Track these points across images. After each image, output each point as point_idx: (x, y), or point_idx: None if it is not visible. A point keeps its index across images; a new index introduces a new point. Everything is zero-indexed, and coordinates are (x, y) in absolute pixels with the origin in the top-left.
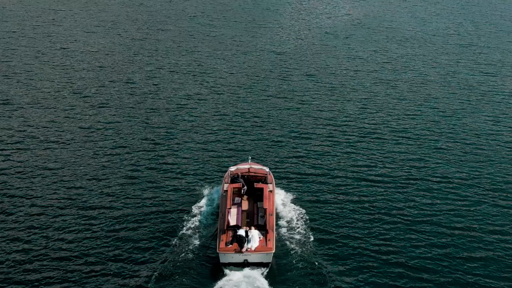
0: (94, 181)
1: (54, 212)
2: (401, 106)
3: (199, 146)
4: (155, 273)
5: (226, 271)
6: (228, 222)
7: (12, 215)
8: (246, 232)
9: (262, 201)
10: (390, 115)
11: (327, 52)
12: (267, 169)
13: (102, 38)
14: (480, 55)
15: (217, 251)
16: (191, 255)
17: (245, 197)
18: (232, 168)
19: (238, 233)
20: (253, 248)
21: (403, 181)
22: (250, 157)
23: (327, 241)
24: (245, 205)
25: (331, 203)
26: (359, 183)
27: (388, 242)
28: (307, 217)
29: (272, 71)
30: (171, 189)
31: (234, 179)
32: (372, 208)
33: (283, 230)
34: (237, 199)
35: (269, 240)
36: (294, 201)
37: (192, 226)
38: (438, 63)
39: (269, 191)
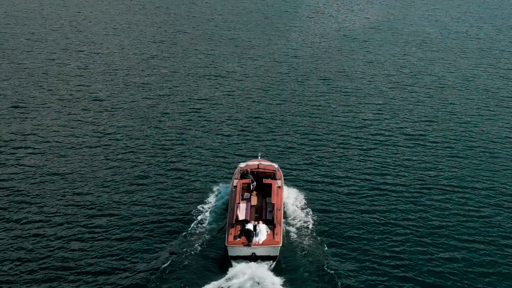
0: (105, 179)
1: (67, 207)
2: (417, 112)
3: (211, 146)
4: (164, 265)
5: (234, 263)
6: (237, 217)
7: (20, 217)
8: (254, 226)
9: (271, 196)
10: (405, 120)
11: (344, 56)
12: (276, 165)
13: (120, 40)
14: (500, 60)
15: (226, 244)
16: (200, 248)
17: (254, 192)
18: (242, 165)
19: (246, 227)
20: (260, 242)
21: (415, 189)
22: (259, 154)
23: (335, 239)
24: (254, 201)
25: (341, 203)
26: (371, 186)
27: (396, 247)
28: (316, 215)
29: (288, 74)
30: (183, 185)
31: (243, 175)
32: (382, 212)
33: (291, 225)
34: (246, 195)
35: (276, 234)
36: (304, 199)
37: (202, 220)
38: (457, 68)
39: (277, 186)
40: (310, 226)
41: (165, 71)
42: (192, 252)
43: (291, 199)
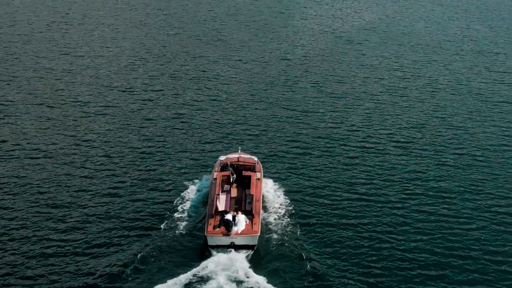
0: (86, 175)
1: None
2: (406, 117)
3: (193, 146)
4: (144, 253)
5: (214, 253)
6: (217, 208)
7: None
8: (233, 216)
9: (250, 188)
10: (394, 125)
11: (336, 59)
12: (256, 158)
13: (108, 42)
14: (495, 63)
15: (205, 234)
16: (180, 238)
17: (234, 185)
18: (222, 157)
19: (225, 218)
20: (239, 231)
21: (400, 196)
22: (240, 147)
23: (311, 229)
24: (234, 192)
25: (322, 197)
26: (355, 189)
27: (373, 238)
28: (293, 206)
29: (277, 78)
30: (163, 178)
31: (223, 167)
32: (360, 204)
33: (269, 216)
34: (226, 187)
35: (254, 224)
36: (283, 192)
37: (182, 211)
38: (451, 70)
39: (256, 178)
40: (288, 217)
41: (152, 74)
42: (172, 242)
43: (270, 192)
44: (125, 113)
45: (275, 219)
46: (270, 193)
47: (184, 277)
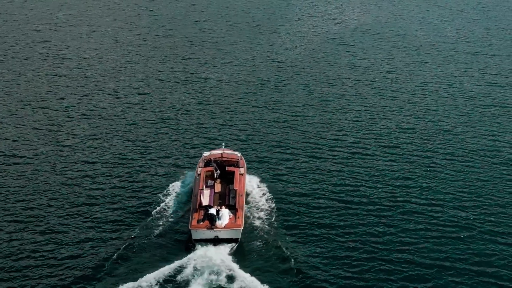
0: (68, 170)
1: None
2: (396, 120)
3: (176, 153)
4: (128, 247)
5: (198, 246)
6: (201, 202)
7: None
8: (217, 210)
9: (233, 183)
10: (383, 130)
11: (328, 61)
12: (239, 154)
13: (97, 44)
14: (489, 65)
15: (189, 228)
16: (164, 233)
17: (218, 180)
18: (206, 153)
19: (209, 212)
20: (223, 225)
21: (388, 202)
22: (223, 144)
23: (294, 224)
24: (217, 188)
25: (306, 196)
26: (341, 191)
27: (356, 233)
28: (276, 201)
29: (267, 80)
30: (146, 175)
31: (207, 163)
32: (342, 200)
33: (253, 210)
34: (210, 182)
35: (238, 218)
36: (266, 188)
37: (166, 206)
38: (443, 72)
39: (240, 174)
40: (270, 212)
41: (140, 76)
42: (157, 236)
43: (254, 188)
44: (110, 116)
45: (257, 212)
46: (255, 189)
47: (167, 270)
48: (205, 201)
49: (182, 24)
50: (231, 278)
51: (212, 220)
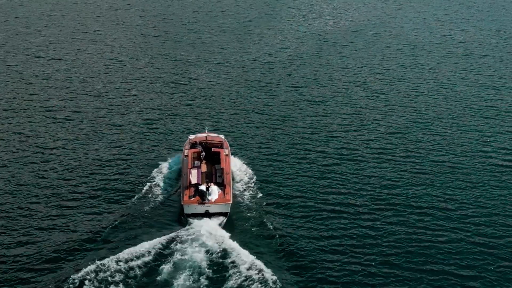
0: (57, 158)
1: None
2: (387, 122)
3: (162, 156)
4: (122, 220)
5: (190, 220)
6: (190, 181)
7: None
8: (207, 187)
9: (220, 163)
10: (373, 132)
11: (320, 62)
12: (223, 137)
13: (86, 45)
14: (482, 66)
15: (182, 203)
16: (156, 209)
17: (204, 161)
18: (191, 136)
19: (199, 188)
20: (213, 200)
21: (376, 205)
22: (206, 127)
23: (278, 200)
24: (204, 168)
25: (294, 198)
26: (330, 191)
27: (335, 211)
28: (260, 180)
29: (256, 82)
30: (133, 158)
31: (193, 145)
32: (321, 176)
33: (239, 188)
34: (196, 163)
35: (227, 193)
36: (250, 169)
37: (157, 184)
38: (436, 74)
39: (225, 154)
40: (255, 189)
41: (128, 78)
42: (149, 211)
43: (239, 169)
44: (94, 118)
45: (243, 189)
46: (240, 171)
47: (160, 242)
48: (193, 180)
49: (174, 25)
50: (223, 250)
51: (202, 195)
